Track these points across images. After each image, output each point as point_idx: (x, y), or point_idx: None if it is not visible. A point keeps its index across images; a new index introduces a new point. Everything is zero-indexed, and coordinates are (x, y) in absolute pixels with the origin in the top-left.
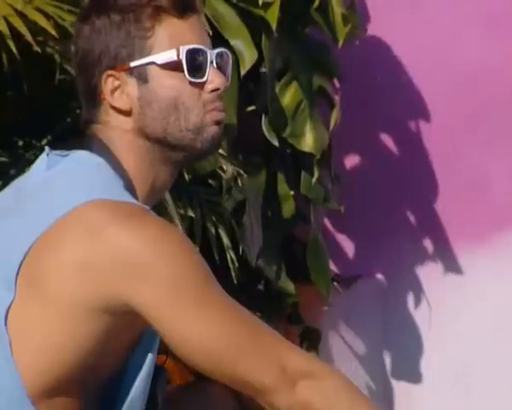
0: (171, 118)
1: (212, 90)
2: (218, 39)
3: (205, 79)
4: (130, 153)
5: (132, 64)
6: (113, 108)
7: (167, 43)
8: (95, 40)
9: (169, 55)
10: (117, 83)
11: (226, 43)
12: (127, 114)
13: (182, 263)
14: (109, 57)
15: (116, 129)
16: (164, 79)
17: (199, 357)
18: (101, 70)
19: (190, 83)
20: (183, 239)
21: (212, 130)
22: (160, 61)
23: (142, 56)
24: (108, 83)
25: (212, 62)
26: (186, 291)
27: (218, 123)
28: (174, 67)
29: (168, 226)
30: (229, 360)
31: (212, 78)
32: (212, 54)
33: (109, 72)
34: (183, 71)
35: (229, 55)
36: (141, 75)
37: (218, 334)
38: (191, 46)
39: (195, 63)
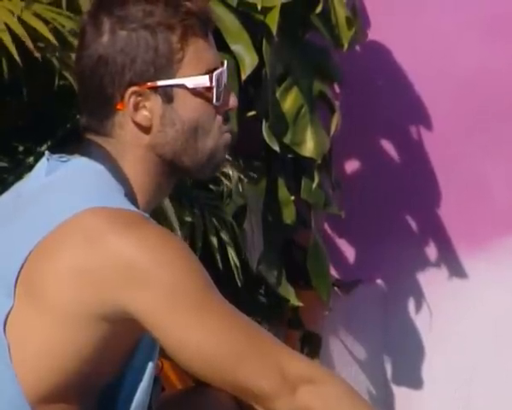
0: (191, 140)
1: (226, 111)
2: (218, 44)
3: (222, 100)
4: (138, 165)
5: (160, 83)
6: (134, 122)
7: (195, 66)
8: (118, 51)
9: (202, 81)
10: (139, 98)
11: (226, 48)
12: (146, 130)
13: (181, 270)
14: (135, 72)
15: (128, 143)
16: (189, 101)
17: (198, 364)
18: (122, 83)
19: (214, 106)
20: (183, 247)
21: (221, 156)
22: (190, 85)
23: (169, 76)
24: (132, 98)
25: (225, 81)
26: (185, 298)
27: (226, 146)
28: (202, 90)
29: (168, 234)
30: (228, 366)
31: (227, 98)
32: (224, 72)
33: (134, 88)
34: (210, 95)
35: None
36: (166, 94)
37: (217, 341)
38: (220, 70)
39: (220, 87)
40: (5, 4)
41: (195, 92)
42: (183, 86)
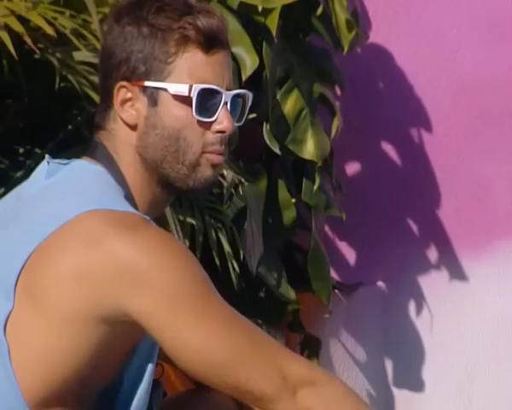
0: (172, 148)
1: (218, 132)
2: None
3: (213, 119)
4: (132, 167)
5: (147, 83)
6: (120, 118)
7: (185, 75)
8: (119, 44)
9: (181, 89)
10: (129, 95)
11: None
12: (132, 128)
13: (181, 273)
14: (128, 68)
15: (121, 140)
16: (172, 109)
17: (199, 366)
18: (117, 76)
19: (197, 121)
20: (183, 249)
21: (206, 172)
22: (172, 91)
23: (158, 79)
24: (121, 93)
25: (226, 104)
26: (186, 301)
27: (214, 166)
28: (184, 100)
29: (168, 236)
30: (229, 369)
31: (221, 119)
32: (227, 95)
33: (124, 82)
34: (192, 107)
35: (250, 96)
36: (152, 96)
37: (218, 343)
38: (205, 86)
39: (206, 103)
40: (5, 4)
41: (179, 101)
42: (166, 91)
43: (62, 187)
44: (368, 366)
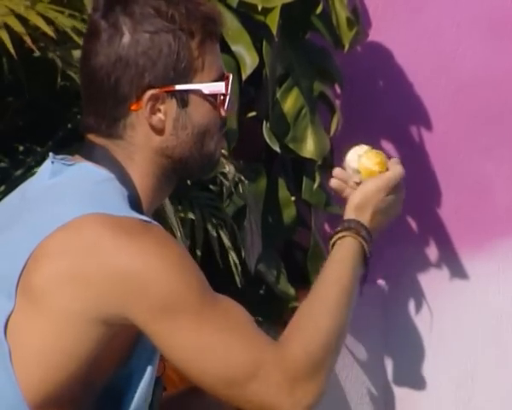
0: (199, 144)
1: (223, 119)
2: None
3: (225, 108)
4: (144, 168)
5: (178, 87)
6: (149, 125)
7: (209, 72)
8: (140, 53)
9: (218, 88)
10: (156, 100)
11: (227, 49)
12: (158, 132)
13: (177, 280)
14: (155, 75)
15: (138, 145)
16: (201, 107)
17: (195, 373)
18: (141, 84)
19: (220, 114)
20: (181, 255)
21: (218, 158)
22: (206, 91)
23: (187, 81)
24: (150, 100)
25: None
26: (182, 307)
27: (221, 149)
28: (215, 96)
29: (167, 242)
30: (224, 378)
31: (229, 107)
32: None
33: (152, 91)
34: (222, 102)
35: None
36: (182, 99)
37: (214, 352)
38: (231, 77)
39: (229, 94)
40: (6, 3)
41: (210, 98)
42: (199, 92)
43: (65, 188)
44: (368, 364)
